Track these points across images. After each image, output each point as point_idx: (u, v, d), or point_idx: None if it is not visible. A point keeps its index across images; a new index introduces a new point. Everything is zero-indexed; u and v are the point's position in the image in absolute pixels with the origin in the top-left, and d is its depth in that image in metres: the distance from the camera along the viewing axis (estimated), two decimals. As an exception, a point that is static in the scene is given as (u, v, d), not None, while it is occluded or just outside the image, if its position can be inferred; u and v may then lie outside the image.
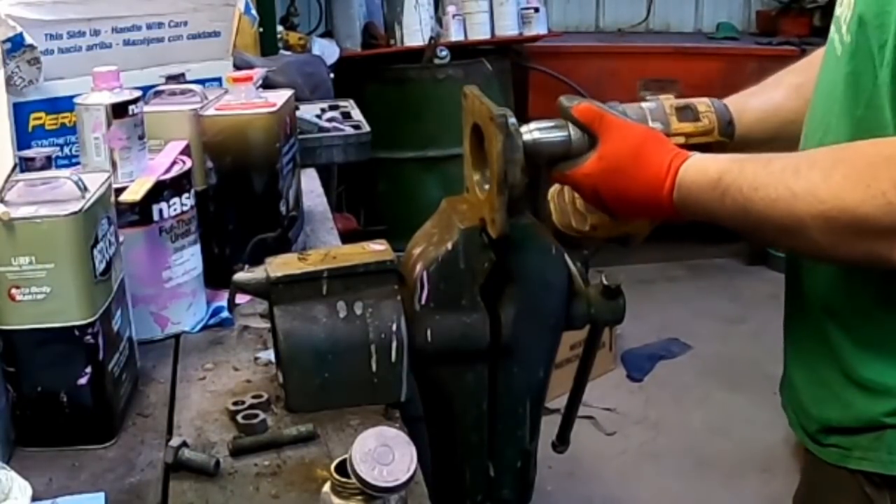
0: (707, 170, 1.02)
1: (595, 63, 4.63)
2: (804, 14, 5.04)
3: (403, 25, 4.16)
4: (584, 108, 1.08)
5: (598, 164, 1.06)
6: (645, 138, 1.07)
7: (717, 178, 1.00)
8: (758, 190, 0.96)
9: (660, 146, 1.07)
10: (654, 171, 1.04)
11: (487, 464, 1.16)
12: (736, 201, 0.98)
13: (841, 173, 0.92)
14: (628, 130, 1.07)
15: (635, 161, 1.05)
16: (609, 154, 1.06)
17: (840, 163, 0.93)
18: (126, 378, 1.15)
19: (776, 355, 1.20)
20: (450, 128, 2.20)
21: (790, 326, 1.18)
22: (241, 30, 1.95)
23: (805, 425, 1.14)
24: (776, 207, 0.95)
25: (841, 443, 1.07)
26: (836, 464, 1.08)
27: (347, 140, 2.14)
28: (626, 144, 1.06)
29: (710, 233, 4.77)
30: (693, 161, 1.04)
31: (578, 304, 1.15)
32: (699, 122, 1.14)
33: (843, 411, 1.06)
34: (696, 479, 3.12)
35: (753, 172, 0.98)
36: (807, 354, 1.12)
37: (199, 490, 0.98)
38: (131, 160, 1.29)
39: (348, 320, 1.10)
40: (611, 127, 1.07)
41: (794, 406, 1.16)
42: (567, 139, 1.08)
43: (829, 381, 1.07)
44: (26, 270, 1.02)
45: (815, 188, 0.92)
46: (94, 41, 1.55)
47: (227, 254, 1.48)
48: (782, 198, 0.94)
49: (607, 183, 1.06)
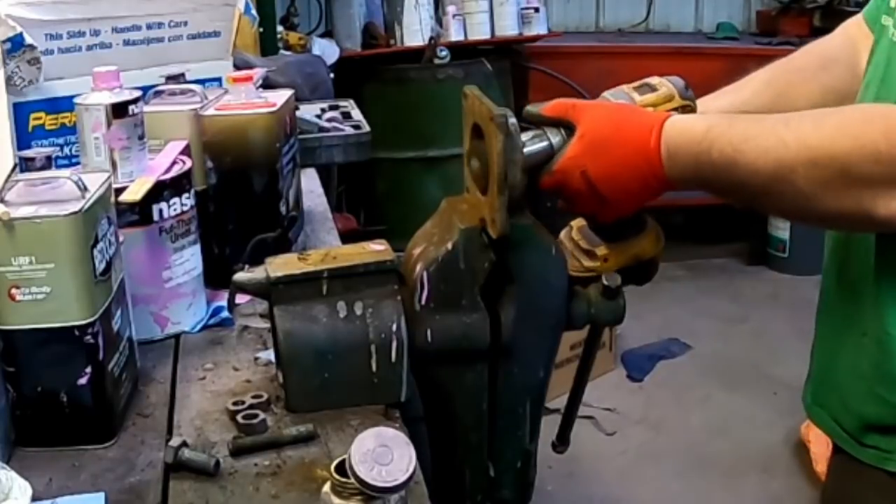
0: (694, 125, 1.02)
1: (595, 63, 4.63)
2: (804, 14, 5.04)
3: (403, 25, 4.17)
4: (555, 105, 1.08)
5: (579, 143, 1.05)
6: (620, 108, 1.09)
7: (705, 131, 1.00)
8: (748, 141, 0.96)
9: (637, 112, 1.08)
10: (639, 132, 1.03)
11: (487, 464, 1.16)
12: (724, 153, 0.98)
13: (833, 122, 0.93)
14: (603, 107, 1.08)
15: (618, 129, 1.05)
16: (588, 130, 1.05)
17: (834, 114, 0.94)
18: (126, 378, 1.15)
19: (776, 355, 1.20)
20: (450, 128, 2.20)
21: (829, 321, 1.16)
22: (241, 30, 1.95)
23: (843, 422, 1.13)
24: (766, 157, 0.95)
25: (881, 444, 1.07)
26: (875, 465, 1.07)
27: (347, 140, 2.13)
28: (603, 117, 1.06)
29: (710, 233, 4.80)
30: (676, 119, 1.04)
31: (578, 304, 1.15)
32: (658, 92, 1.15)
33: (883, 408, 1.06)
34: (696, 479, 3.12)
35: (744, 126, 0.98)
36: (849, 349, 1.11)
37: (199, 490, 0.98)
38: (131, 160, 1.29)
39: (348, 320, 1.10)
40: (584, 108, 1.07)
41: (830, 404, 1.15)
42: (549, 145, 1.08)
43: (870, 379, 1.07)
44: (26, 270, 1.02)
45: (805, 136, 0.93)
46: (94, 41, 1.55)
47: (227, 254, 1.48)
48: (772, 147, 0.94)
49: (594, 159, 1.04)
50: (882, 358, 1.05)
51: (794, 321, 3.57)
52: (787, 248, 4.56)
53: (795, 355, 1.41)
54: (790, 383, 3.40)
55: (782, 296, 4.31)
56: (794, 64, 1.26)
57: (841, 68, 1.20)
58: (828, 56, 1.22)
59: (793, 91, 1.22)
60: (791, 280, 4.38)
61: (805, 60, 1.25)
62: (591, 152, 1.05)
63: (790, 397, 3.33)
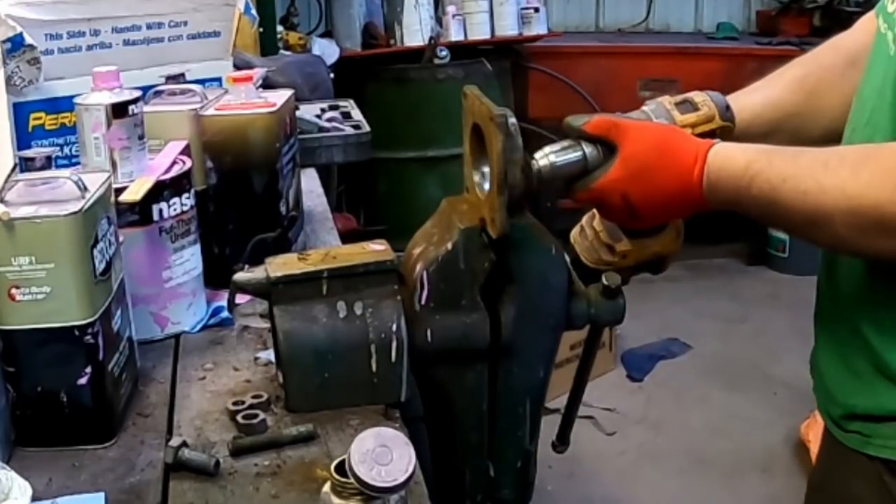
0: (735, 158, 1.02)
1: (595, 63, 4.64)
2: (804, 14, 5.04)
3: (403, 25, 4.17)
4: (597, 122, 1.07)
5: (623, 167, 1.05)
6: (665, 133, 1.08)
7: (745, 166, 1.01)
8: (786, 181, 0.98)
9: (682, 138, 1.07)
10: (682, 161, 1.04)
11: (487, 464, 1.17)
12: (763, 191, 0.99)
13: (869, 171, 0.93)
14: (647, 130, 1.07)
15: (661, 155, 1.05)
16: (633, 155, 1.05)
17: (869, 160, 0.95)
18: (126, 378, 1.15)
19: (776, 355, 1.21)
20: (450, 128, 2.20)
21: (821, 316, 1.19)
22: (241, 30, 1.95)
23: (830, 410, 1.15)
24: (804, 200, 0.96)
25: (863, 429, 1.09)
26: (856, 449, 1.10)
27: (347, 140, 2.13)
28: (648, 142, 1.06)
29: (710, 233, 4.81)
30: (719, 148, 1.04)
31: (578, 304, 1.15)
32: (700, 112, 1.15)
33: (869, 400, 1.08)
34: (696, 479, 3.12)
35: (782, 164, 0.99)
36: (837, 344, 1.13)
37: (199, 490, 0.98)
38: (131, 160, 1.29)
39: (348, 320, 1.10)
40: (628, 130, 1.06)
41: (821, 391, 1.18)
42: (583, 157, 1.07)
43: (858, 371, 1.09)
44: (26, 270, 1.02)
45: (843, 183, 0.94)
46: (94, 41, 1.55)
47: (227, 254, 1.48)
48: (810, 191, 0.96)
49: (636, 184, 1.05)
50: (870, 355, 1.06)
51: (794, 321, 3.56)
52: (787, 248, 4.56)
53: (795, 355, 1.41)
54: (790, 383, 3.41)
55: (782, 296, 4.30)
56: (823, 61, 1.25)
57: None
58: (854, 53, 1.22)
59: (825, 90, 1.22)
60: (791, 280, 4.38)
61: (834, 58, 1.25)
62: (633, 177, 1.05)
63: (790, 397, 3.35)
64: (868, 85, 1.10)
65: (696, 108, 1.15)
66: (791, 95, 1.22)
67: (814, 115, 1.22)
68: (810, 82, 1.23)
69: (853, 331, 1.09)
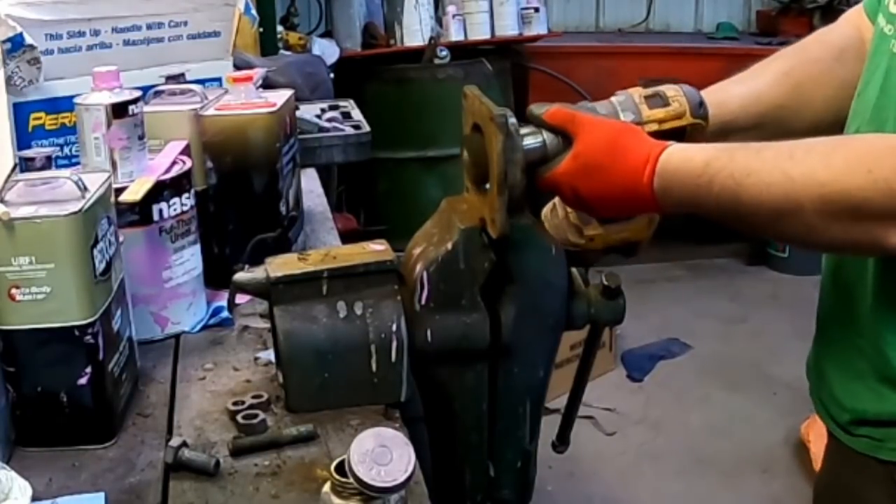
0: (692, 158, 1.01)
1: (595, 63, 4.63)
2: (804, 14, 5.04)
3: (403, 25, 4.17)
4: (554, 112, 1.08)
5: (573, 162, 1.05)
6: (619, 132, 1.07)
7: (704, 166, 0.99)
8: (750, 175, 0.96)
9: (636, 138, 1.06)
10: (631, 162, 1.03)
11: (487, 464, 1.17)
12: (726, 188, 0.97)
13: (841, 157, 0.92)
14: (600, 126, 1.07)
15: (611, 154, 1.04)
16: (583, 151, 1.05)
17: (840, 148, 0.94)
18: (126, 378, 1.15)
19: (776, 355, 1.21)
20: (450, 128, 2.20)
21: (825, 320, 1.18)
22: (241, 30, 1.95)
23: (835, 415, 1.14)
24: (771, 192, 0.95)
25: (873, 434, 1.08)
26: (866, 453, 1.09)
27: (347, 140, 2.13)
28: (599, 140, 1.05)
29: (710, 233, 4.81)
30: (674, 150, 1.03)
31: (578, 304, 1.15)
32: (669, 107, 1.13)
33: (879, 405, 1.07)
34: (696, 479, 3.12)
35: (745, 159, 0.98)
36: (843, 348, 1.12)
37: (199, 490, 0.98)
38: (131, 160, 1.29)
39: (348, 320, 1.10)
40: (583, 125, 1.06)
41: (825, 396, 1.17)
42: (542, 144, 1.08)
43: (864, 375, 1.08)
44: (26, 270, 1.02)
45: (813, 172, 0.93)
46: (94, 41, 1.55)
47: (227, 254, 1.48)
48: (777, 182, 0.94)
49: (584, 180, 1.05)
50: (879, 359, 1.06)
51: (794, 321, 3.57)
52: (787, 248, 4.56)
53: (795, 355, 1.41)
54: (790, 383, 3.41)
55: (782, 296, 4.31)
56: (809, 55, 1.24)
57: (853, 60, 1.19)
58: (841, 47, 1.21)
59: (811, 83, 1.21)
60: (791, 280, 4.38)
61: (820, 51, 1.24)
62: (582, 174, 1.05)
63: (790, 397, 3.34)
64: (871, 84, 1.09)
65: (665, 104, 1.13)
66: (777, 88, 1.21)
67: (799, 108, 1.20)
68: (796, 75, 1.21)
69: (860, 334, 1.08)
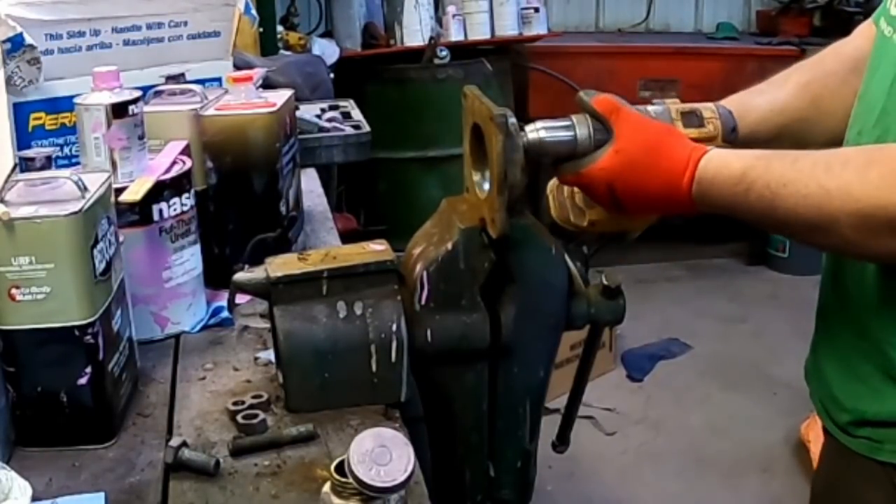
0: (730, 164, 1.02)
1: (595, 63, 4.63)
2: (804, 14, 5.04)
3: (403, 25, 4.16)
4: (603, 99, 1.07)
5: (614, 158, 1.05)
6: (662, 132, 1.07)
7: (742, 173, 1.00)
8: (787, 186, 0.97)
9: (678, 140, 1.07)
10: (673, 164, 1.04)
11: (487, 464, 1.17)
12: (762, 197, 0.98)
13: (877, 172, 0.92)
14: (644, 126, 1.07)
15: (654, 154, 1.05)
16: (626, 148, 1.05)
17: (875, 163, 0.94)
18: (126, 378, 1.15)
19: (776, 355, 1.21)
20: (450, 128, 2.20)
21: (825, 320, 1.18)
22: (241, 30, 1.95)
23: (834, 416, 1.14)
24: (807, 204, 0.95)
25: (873, 435, 1.08)
26: (865, 455, 1.09)
27: (347, 140, 2.13)
28: (643, 138, 1.05)
29: (710, 233, 4.82)
30: (713, 155, 1.04)
31: (578, 304, 1.15)
32: (703, 129, 1.14)
33: (880, 406, 1.07)
34: (696, 479, 3.12)
35: (781, 169, 0.98)
36: (844, 348, 1.12)
37: (199, 490, 0.98)
38: (131, 160, 1.29)
39: (348, 320, 1.10)
40: (628, 121, 1.06)
41: (824, 397, 1.17)
42: (573, 139, 1.07)
43: (866, 376, 1.08)
44: (26, 270, 1.02)
45: (849, 186, 0.93)
46: (94, 41, 1.55)
47: (227, 254, 1.48)
48: (813, 194, 0.95)
49: (623, 178, 1.05)
50: (882, 359, 1.06)
51: (794, 321, 3.56)
52: (787, 248, 4.56)
53: (795, 355, 1.41)
54: (790, 383, 3.41)
55: (782, 296, 4.31)
56: (826, 67, 1.25)
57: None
58: (856, 59, 1.21)
59: (828, 95, 1.22)
60: (791, 280, 4.38)
61: (836, 64, 1.25)
62: (622, 171, 1.05)
63: (790, 397, 3.34)
64: (873, 88, 1.09)
65: (700, 124, 1.14)
66: (796, 101, 1.22)
67: (818, 120, 1.21)
68: (815, 88, 1.22)
69: (862, 335, 1.08)
